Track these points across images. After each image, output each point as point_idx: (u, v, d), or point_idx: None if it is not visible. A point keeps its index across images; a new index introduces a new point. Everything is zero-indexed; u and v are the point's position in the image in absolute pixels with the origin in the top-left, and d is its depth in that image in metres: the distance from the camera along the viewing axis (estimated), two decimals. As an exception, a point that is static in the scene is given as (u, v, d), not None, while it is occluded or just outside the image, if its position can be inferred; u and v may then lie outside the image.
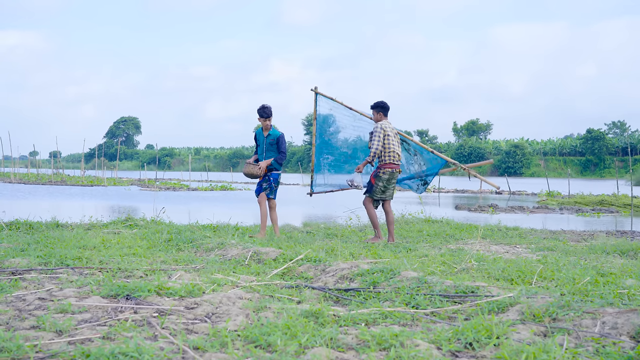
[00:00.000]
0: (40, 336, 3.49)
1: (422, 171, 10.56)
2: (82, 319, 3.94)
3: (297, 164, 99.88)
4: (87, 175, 51.09)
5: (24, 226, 9.92)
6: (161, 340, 3.47)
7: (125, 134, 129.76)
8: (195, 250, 7.55)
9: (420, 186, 10.71)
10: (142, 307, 4.26)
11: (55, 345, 3.36)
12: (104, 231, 9.39)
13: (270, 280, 5.45)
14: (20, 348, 3.21)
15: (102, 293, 4.63)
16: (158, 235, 8.44)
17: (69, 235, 8.38)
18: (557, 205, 23.27)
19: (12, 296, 4.60)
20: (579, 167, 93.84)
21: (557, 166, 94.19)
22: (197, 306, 4.34)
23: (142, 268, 5.88)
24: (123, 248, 7.36)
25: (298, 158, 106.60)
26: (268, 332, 3.54)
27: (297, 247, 7.53)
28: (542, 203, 24.90)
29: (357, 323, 3.97)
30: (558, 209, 21.71)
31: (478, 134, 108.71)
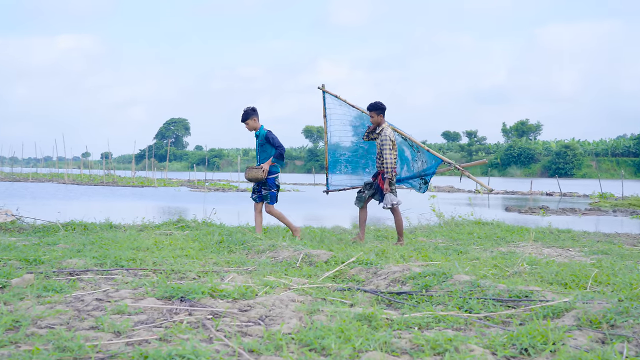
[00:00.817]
0: (100, 337, 3.56)
1: (423, 170, 10.49)
2: (139, 320, 4.00)
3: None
4: (137, 176, 51.79)
5: (79, 227, 10.13)
6: (216, 342, 3.51)
7: (174, 135, 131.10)
8: (247, 252, 7.59)
9: (422, 185, 10.58)
10: (196, 309, 4.30)
11: (114, 346, 3.42)
12: (156, 232, 9.52)
13: (322, 283, 5.46)
14: (82, 348, 3.27)
15: (156, 295, 4.70)
16: (209, 236, 8.53)
17: (123, 237, 8.52)
18: (610, 207, 22.89)
19: (71, 296, 4.70)
20: (632, 168, 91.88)
21: (609, 167, 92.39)
22: (250, 308, 4.37)
23: (194, 270, 5.95)
24: (175, 250, 7.45)
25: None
26: (322, 335, 3.55)
27: (348, 249, 7.53)
28: (595, 205, 24.52)
29: (410, 327, 3.96)
30: (611, 211, 21.36)
31: (528, 135, 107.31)
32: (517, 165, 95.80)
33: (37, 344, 3.32)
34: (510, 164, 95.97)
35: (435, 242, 9.38)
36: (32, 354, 3.16)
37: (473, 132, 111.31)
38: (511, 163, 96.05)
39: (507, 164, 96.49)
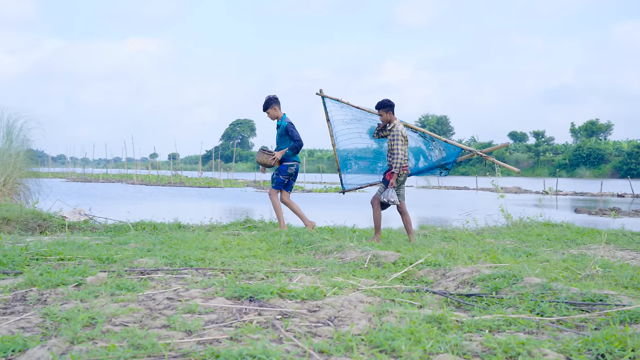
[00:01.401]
0: (172, 335, 3.61)
1: (442, 159, 10.47)
2: (209, 320, 4.05)
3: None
4: (204, 177, 52.43)
5: (149, 227, 10.33)
6: (286, 343, 3.52)
7: (240, 136, 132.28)
8: (314, 252, 7.62)
9: (442, 170, 10.65)
10: (265, 309, 4.33)
11: (186, 344, 3.47)
12: (223, 233, 9.63)
13: (390, 284, 5.44)
14: (155, 346, 3.33)
15: (226, 294, 4.75)
16: (277, 237, 8.58)
17: (191, 237, 8.64)
18: (686, 209, 22.26)
19: (143, 295, 4.78)
20: None
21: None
22: (319, 309, 4.38)
23: (263, 270, 5.99)
24: (243, 250, 7.51)
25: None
26: (392, 337, 3.53)
27: (416, 250, 7.49)
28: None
29: (481, 329, 3.90)
30: (687, 213, 20.75)
31: (597, 135, 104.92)
32: (586, 166, 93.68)
33: (112, 341, 3.39)
34: (579, 164, 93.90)
35: (503, 243, 9.25)
36: (109, 351, 3.23)
37: (540, 132, 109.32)
38: (580, 164, 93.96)
39: (576, 164, 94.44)
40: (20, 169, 15.62)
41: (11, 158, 15.35)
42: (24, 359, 3.17)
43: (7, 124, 16.09)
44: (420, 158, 10.71)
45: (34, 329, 3.81)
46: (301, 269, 6.18)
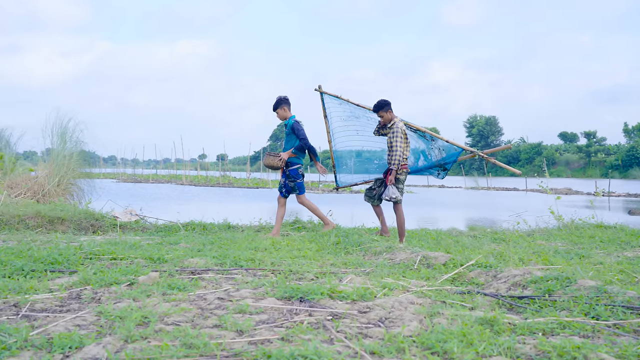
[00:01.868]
0: (223, 335, 3.63)
1: (442, 158, 10.37)
2: (260, 320, 4.06)
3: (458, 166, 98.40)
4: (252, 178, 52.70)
5: (199, 227, 10.43)
6: (337, 343, 3.51)
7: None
8: (364, 253, 7.60)
9: (440, 172, 10.53)
10: (316, 309, 4.33)
11: (237, 344, 3.48)
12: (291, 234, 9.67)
13: (441, 285, 5.40)
14: (207, 346, 3.35)
15: (276, 295, 4.76)
16: (326, 238, 8.58)
17: (241, 237, 8.70)
18: None
19: (194, 295, 4.82)
20: None
21: None
22: (369, 310, 4.36)
23: (312, 271, 5.99)
24: (293, 250, 7.53)
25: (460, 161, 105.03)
26: (444, 338, 3.50)
27: (466, 251, 7.42)
28: None
29: (534, 332, 3.84)
30: None
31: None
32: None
33: (165, 340, 3.42)
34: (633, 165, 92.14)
35: (554, 245, 9.11)
36: (162, 350, 3.27)
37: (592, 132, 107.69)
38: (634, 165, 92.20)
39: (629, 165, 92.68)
40: (74, 169, 15.91)
41: (65, 159, 15.64)
42: (80, 355, 3.22)
43: (61, 125, 16.38)
44: (420, 157, 10.70)
45: (89, 326, 3.87)
46: (351, 270, 6.17)
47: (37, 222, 10.65)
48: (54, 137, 16.71)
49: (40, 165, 16.97)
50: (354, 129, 11.00)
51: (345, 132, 11.13)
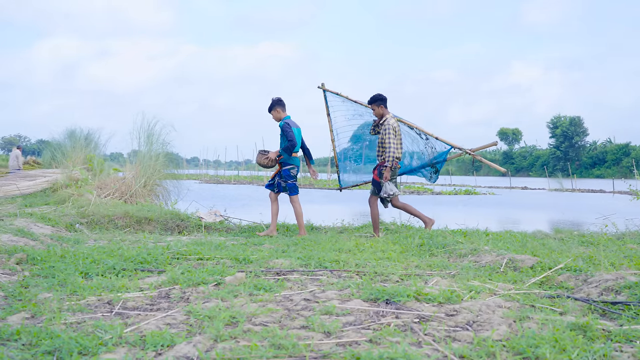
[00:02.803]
0: (311, 336, 3.65)
1: (434, 157, 10.39)
2: (347, 322, 4.06)
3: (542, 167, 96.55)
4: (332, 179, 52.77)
5: (282, 228, 10.49)
6: (426, 346, 3.48)
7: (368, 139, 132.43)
8: (448, 255, 7.51)
9: (432, 174, 10.63)
10: (402, 312, 4.31)
11: (325, 346, 3.49)
12: (355, 235, 9.66)
13: (528, 289, 5.29)
14: (296, 346, 3.37)
15: (362, 296, 4.75)
16: (410, 239, 8.52)
17: (324, 238, 8.72)
18: None
19: (281, 295, 4.86)
20: None
21: None
22: (456, 313, 4.31)
23: (397, 272, 5.95)
24: (376, 252, 7.50)
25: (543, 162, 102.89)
26: (535, 344, 3.42)
27: (553, 255, 7.25)
28: None
29: (631, 340, 3.71)
30: None
31: None
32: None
33: (254, 340, 3.46)
34: None
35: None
36: (251, 350, 3.30)
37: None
38: None
39: None
40: (159, 170, 16.24)
41: (151, 160, 15.97)
42: (172, 354, 3.29)
43: (148, 127, 16.76)
44: (414, 156, 10.74)
45: (179, 325, 3.94)
46: (436, 272, 6.10)
47: (126, 222, 10.93)
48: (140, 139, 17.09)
49: (127, 167, 17.39)
50: (357, 129, 11.31)
51: (349, 133, 11.45)
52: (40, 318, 4.12)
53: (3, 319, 4.09)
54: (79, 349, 3.33)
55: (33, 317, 4.15)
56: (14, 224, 8.75)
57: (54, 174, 19.26)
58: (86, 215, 11.31)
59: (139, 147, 17.14)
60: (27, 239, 7.81)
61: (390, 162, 9.43)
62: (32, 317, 4.15)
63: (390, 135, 9.47)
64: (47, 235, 8.58)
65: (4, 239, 7.33)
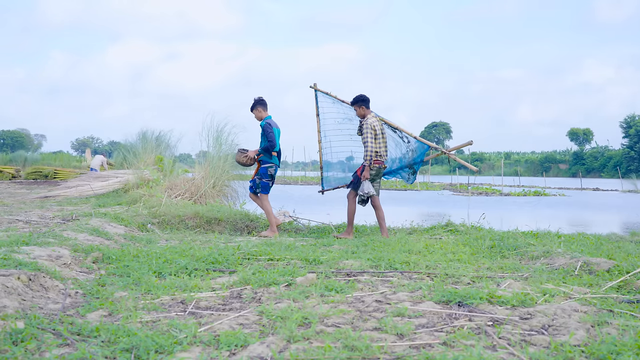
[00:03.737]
0: (384, 338, 3.63)
1: (413, 159, 10.46)
2: (419, 324, 4.03)
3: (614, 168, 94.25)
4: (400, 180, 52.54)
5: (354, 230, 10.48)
6: (501, 350, 3.43)
7: (436, 139, 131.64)
8: (520, 258, 7.38)
9: (410, 175, 10.87)
10: (475, 314, 4.25)
11: (398, 348, 3.47)
12: (425, 236, 9.58)
13: (605, 293, 5.15)
14: (369, 348, 3.36)
15: (434, 298, 4.71)
16: (480, 241, 8.40)
17: (394, 240, 8.66)
18: None
19: (352, 297, 4.85)
20: None
21: None
22: (531, 317, 4.22)
23: (468, 275, 5.88)
24: (447, 254, 7.42)
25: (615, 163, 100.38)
26: (616, 350, 3.32)
27: (630, 258, 7.05)
28: None
29: None
30: None
31: None
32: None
33: (327, 342, 3.46)
34: None
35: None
36: (325, 351, 3.30)
37: None
38: None
39: None
40: (228, 171, 16.41)
41: (220, 161, 16.15)
42: (246, 354, 3.31)
43: (216, 129, 16.96)
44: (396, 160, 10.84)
45: (251, 325, 3.98)
46: (508, 275, 6.00)
47: (196, 222, 11.07)
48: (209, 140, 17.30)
49: (196, 168, 17.62)
50: (347, 133, 11.14)
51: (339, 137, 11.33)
52: (117, 316, 4.21)
53: (83, 316, 4.20)
54: (156, 347, 3.39)
55: (110, 315, 4.25)
56: (90, 224, 8.95)
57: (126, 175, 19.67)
58: (157, 215, 11.50)
59: (208, 148, 17.36)
60: (102, 238, 7.98)
61: (368, 161, 9.61)
62: (109, 315, 4.25)
63: (368, 135, 9.63)
64: (121, 235, 8.76)
65: (81, 238, 7.50)
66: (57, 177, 30.23)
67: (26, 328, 3.62)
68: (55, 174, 30.79)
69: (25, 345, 3.37)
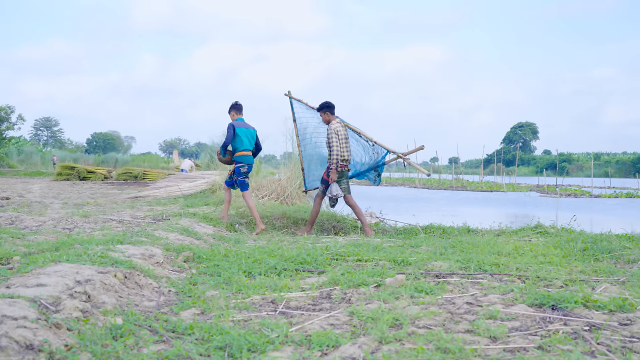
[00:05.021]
0: (477, 340, 3.57)
1: (376, 161, 10.81)
2: (512, 327, 3.95)
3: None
4: (485, 181, 51.88)
5: (438, 230, 10.39)
6: (600, 356, 3.32)
7: (522, 140, 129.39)
8: (615, 261, 7.16)
9: (376, 177, 11.16)
10: (570, 318, 4.14)
11: (492, 351, 3.41)
12: (514, 238, 9.40)
13: None
14: (462, 351, 3.31)
15: (526, 301, 4.61)
16: (572, 244, 8.19)
17: (482, 241, 8.53)
18: None
19: (442, 298, 4.80)
20: None
21: None
22: (631, 323, 4.07)
23: (561, 278, 5.73)
24: (537, 256, 7.26)
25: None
26: None
27: None
28: None
29: None
30: None
31: None
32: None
33: (419, 343, 3.43)
34: None
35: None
36: (417, 353, 3.27)
37: None
38: None
39: None
40: (313, 172, 16.48)
41: (305, 163, 16.23)
42: (338, 354, 3.31)
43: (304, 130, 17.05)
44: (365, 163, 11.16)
45: (342, 326, 3.98)
46: (603, 278, 5.83)
47: (283, 222, 11.19)
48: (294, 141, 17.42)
49: (282, 169, 17.79)
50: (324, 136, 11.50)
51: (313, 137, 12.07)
52: (209, 314, 4.28)
53: (176, 314, 4.29)
54: (248, 346, 3.43)
55: (203, 314, 4.32)
56: (179, 224, 9.15)
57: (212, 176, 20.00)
58: (245, 215, 11.67)
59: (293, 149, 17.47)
60: (191, 237, 8.13)
61: (334, 164, 10.15)
62: (202, 313, 4.33)
63: (333, 139, 10.16)
64: (210, 235, 8.92)
65: (172, 238, 7.67)
66: (147, 178, 31.06)
67: (124, 324, 3.73)
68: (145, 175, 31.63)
69: (125, 341, 3.47)
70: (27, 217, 11.14)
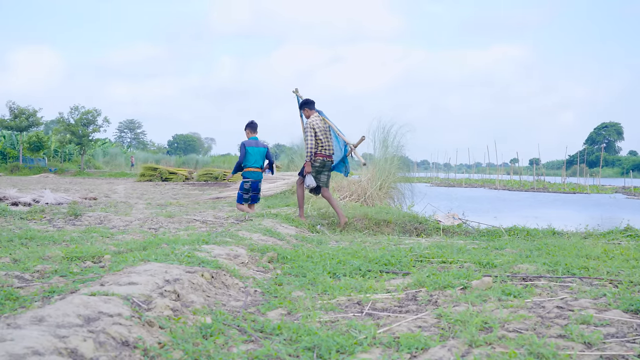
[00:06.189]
0: (570, 346, 3.47)
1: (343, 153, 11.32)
2: (607, 333, 3.82)
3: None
4: (567, 183, 50.76)
5: (522, 232, 10.20)
6: (703, 365, 3.20)
7: (606, 140, 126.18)
8: None
9: (347, 169, 11.54)
10: (668, 325, 3.99)
11: (587, 357, 3.31)
12: (602, 241, 9.15)
13: None
14: (556, 356, 3.22)
15: (621, 307, 4.45)
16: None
17: (568, 244, 8.33)
18: None
19: (531, 302, 4.69)
20: None
21: None
22: None
23: (655, 283, 5.54)
24: (629, 260, 7.03)
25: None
26: None
27: None
28: None
29: None
30: None
31: None
32: None
33: (511, 347, 3.36)
34: None
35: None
36: (509, 357, 3.20)
37: None
38: None
39: None
40: (394, 174, 16.44)
41: (386, 163, 16.21)
42: (427, 357, 3.27)
43: (382, 131, 17.04)
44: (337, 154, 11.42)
45: (430, 328, 3.93)
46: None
47: (365, 223, 11.17)
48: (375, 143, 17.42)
49: (362, 170, 17.77)
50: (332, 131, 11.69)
51: None
52: (295, 315, 4.29)
53: (263, 314, 4.32)
54: (337, 347, 3.42)
55: (289, 314, 4.34)
56: (262, 224, 9.23)
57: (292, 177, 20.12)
58: (326, 216, 11.71)
59: (374, 150, 17.47)
60: (274, 238, 8.20)
61: (308, 157, 10.75)
62: (288, 314, 4.34)
63: (308, 133, 10.78)
64: (292, 236, 8.97)
65: (255, 238, 7.74)
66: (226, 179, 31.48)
67: (214, 323, 3.77)
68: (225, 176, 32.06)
69: (214, 340, 3.51)
70: (114, 217, 11.45)
